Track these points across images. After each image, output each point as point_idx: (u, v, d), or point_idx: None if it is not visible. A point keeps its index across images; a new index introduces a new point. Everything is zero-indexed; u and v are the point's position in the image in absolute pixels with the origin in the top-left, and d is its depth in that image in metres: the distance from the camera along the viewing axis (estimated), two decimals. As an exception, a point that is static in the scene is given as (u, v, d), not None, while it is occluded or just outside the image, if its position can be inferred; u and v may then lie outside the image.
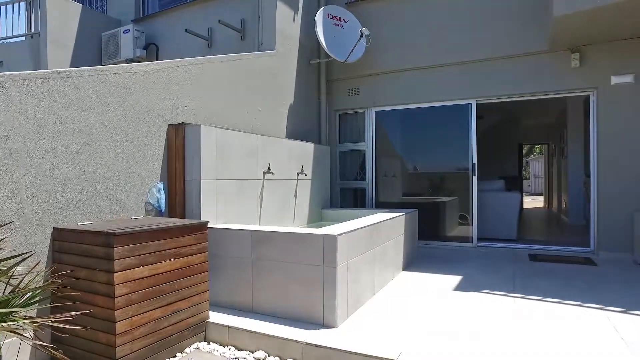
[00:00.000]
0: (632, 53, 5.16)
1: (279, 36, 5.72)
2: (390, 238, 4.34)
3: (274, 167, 4.87)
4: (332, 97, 6.91)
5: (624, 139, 5.23)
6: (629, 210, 5.20)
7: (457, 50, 6.02)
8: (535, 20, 5.50)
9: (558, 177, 11.68)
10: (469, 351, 2.59)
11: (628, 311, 3.30)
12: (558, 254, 5.62)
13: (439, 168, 6.56)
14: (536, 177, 25.85)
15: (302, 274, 3.15)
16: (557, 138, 11.67)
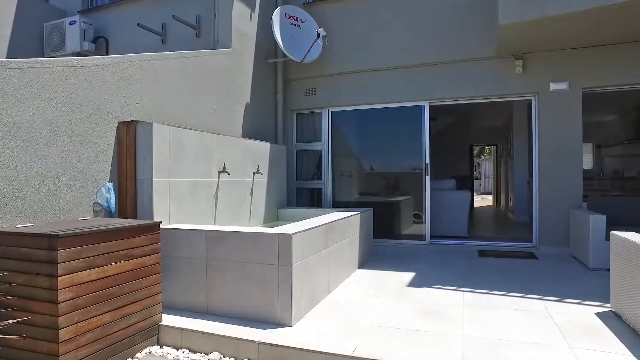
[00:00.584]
0: (567, 62, 5.53)
1: (236, 34, 5.65)
2: (346, 237, 4.41)
3: (230, 166, 4.81)
4: (289, 96, 6.92)
5: (561, 142, 5.60)
6: (565, 208, 5.57)
7: (411, 53, 6.21)
8: (484, 27, 5.77)
9: (505, 177, 12.31)
10: (423, 343, 2.69)
11: (562, 300, 3.55)
12: (504, 249, 5.93)
13: (395, 168, 6.73)
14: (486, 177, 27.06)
15: (257, 274, 3.14)
16: (504, 140, 12.28)
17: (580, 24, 4.68)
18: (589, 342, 2.69)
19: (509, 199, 11.48)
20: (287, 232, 3.05)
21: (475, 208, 13.57)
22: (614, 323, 3.00)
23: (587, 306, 3.40)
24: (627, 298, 2.93)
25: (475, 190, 19.18)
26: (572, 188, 5.58)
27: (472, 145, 14.27)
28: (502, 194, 13.27)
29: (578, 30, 4.88)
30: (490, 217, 11.44)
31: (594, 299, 3.56)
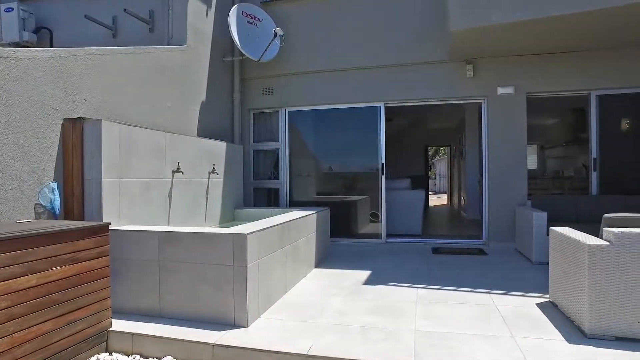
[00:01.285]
0: (513, 68, 5.85)
1: (191, 31, 5.53)
2: (302, 236, 4.42)
3: (184, 166, 4.69)
4: (246, 95, 6.85)
5: (508, 143, 5.90)
6: (512, 205, 5.88)
7: (367, 55, 6.32)
8: (438, 32, 5.96)
9: (458, 177, 12.80)
10: (377, 339, 2.75)
11: (507, 293, 3.75)
12: (457, 246, 6.16)
13: (352, 168, 6.83)
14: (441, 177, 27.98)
15: (212, 275, 3.09)
16: (457, 141, 12.76)
17: (522, 33, 4.96)
18: (529, 330, 2.86)
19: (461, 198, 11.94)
20: (242, 232, 3.02)
21: (430, 207, 14.00)
22: (552, 312, 3.20)
23: (529, 297, 3.61)
24: (562, 288, 3.13)
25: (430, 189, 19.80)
26: (518, 187, 5.89)
27: (427, 146, 14.72)
28: (456, 193, 13.79)
29: (521, 38, 5.16)
30: (444, 215, 11.85)
31: (535, 291, 3.78)
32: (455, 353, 2.53)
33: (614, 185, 5.80)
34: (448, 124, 12.52)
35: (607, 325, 2.67)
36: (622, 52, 5.55)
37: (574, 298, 2.90)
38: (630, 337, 2.65)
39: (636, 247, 2.63)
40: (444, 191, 24.40)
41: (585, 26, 4.79)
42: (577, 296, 2.85)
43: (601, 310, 2.68)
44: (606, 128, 5.86)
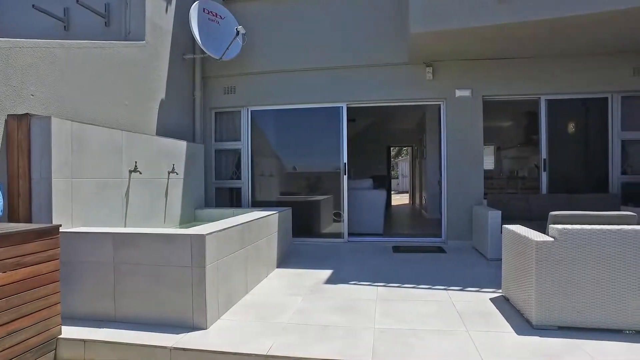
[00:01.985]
0: (470, 72, 6.06)
1: (150, 27, 5.37)
2: (263, 236, 4.40)
3: (143, 165, 4.56)
4: (208, 94, 6.73)
5: (466, 144, 6.11)
6: (470, 204, 6.09)
7: (330, 55, 6.36)
8: (399, 35, 6.09)
9: (420, 177, 13.11)
10: (336, 337, 2.77)
11: (464, 289, 3.89)
12: (417, 244, 6.31)
13: (315, 168, 6.86)
14: (404, 177, 28.56)
15: (170, 276, 3.01)
16: (418, 141, 13.07)
17: (478, 38, 5.16)
18: (483, 324, 2.98)
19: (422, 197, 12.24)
20: (201, 233, 2.97)
21: (392, 206, 14.26)
22: (504, 306, 3.35)
23: (484, 293, 3.75)
24: (513, 283, 3.28)
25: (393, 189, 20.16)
26: (474, 187, 6.11)
27: (390, 146, 14.99)
28: (417, 192, 14.12)
29: (477, 43, 5.37)
30: (405, 214, 12.11)
31: (489, 286, 3.94)
32: (412, 349, 2.60)
33: (561, 184, 6.13)
34: (410, 125, 12.81)
35: (552, 316, 2.83)
36: (567, 60, 5.88)
37: (523, 292, 3.05)
38: (571, 326, 2.82)
39: (577, 242, 2.79)
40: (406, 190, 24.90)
41: (530, 35, 5.05)
42: (526, 290, 2.99)
43: (546, 302, 2.83)
44: (554, 131, 6.18)
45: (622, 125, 5.96)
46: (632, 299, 2.74)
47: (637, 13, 4.40)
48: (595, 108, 6.08)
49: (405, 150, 28.29)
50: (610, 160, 6.01)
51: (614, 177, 6.00)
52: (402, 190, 26.96)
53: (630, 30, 4.94)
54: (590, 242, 2.78)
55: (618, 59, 5.79)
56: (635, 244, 2.73)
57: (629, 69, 5.80)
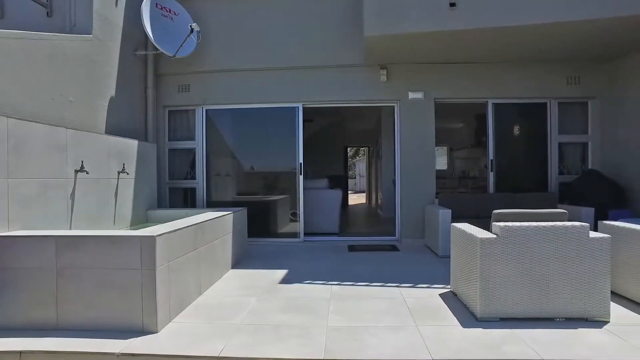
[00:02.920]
0: (423, 75, 6.28)
1: (98, 20, 5.14)
2: (218, 237, 4.34)
3: (90, 165, 4.37)
4: (161, 92, 6.54)
5: (418, 145, 6.32)
6: (422, 204, 6.30)
7: (287, 55, 6.36)
8: (355, 37, 6.15)
9: (376, 176, 13.38)
10: (290, 336, 2.79)
11: (415, 286, 4.03)
12: (372, 243, 6.45)
13: (272, 167, 6.84)
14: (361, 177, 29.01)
15: (118, 280, 2.91)
16: (375, 142, 13.34)
17: (429, 43, 5.35)
18: (432, 319, 3.10)
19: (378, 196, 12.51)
20: (151, 235, 2.89)
21: (349, 206, 14.46)
22: (452, 301, 3.50)
23: (434, 289, 3.90)
24: (460, 279, 3.44)
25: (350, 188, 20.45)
26: (427, 186, 6.33)
27: (347, 147, 15.19)
28: (373, 192, 14.40)
29: (428, 47, 5.56)
30: (361, 214, 12.32)
31: (439, 282, 4.10)
32: (363, 345, 2.67)
33: (507, 184, 6.48)
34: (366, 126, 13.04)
35: (494, 308, 3.00)
36: (512, 66, 6.23)
37: (469, 286, 3.21)
38: (511, 317, 3.00)
39: (517, 238, 2.97)
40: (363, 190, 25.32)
41: (478, 41, 5.31)
42: (472, 284, 3.15)
43: (490, 295, 3.00)
44: (501, 133, 6.53)
45: (558, 129, 6.40)
46: (561, 290, 2.96)
47: (568, 26, 4.78)
48: (536, 113, 6.48)
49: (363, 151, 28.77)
50: (549, 161, 6.42)
51: (552, 177, 6.42)
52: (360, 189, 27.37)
53: (563, 42, 5.33)
54: (527, 238, 2.97)
55: (555, 68, 6.21)
56: (566, 239, 2.95)
57: (564, 78, 6.23)
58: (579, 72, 6.22)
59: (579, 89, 6.26)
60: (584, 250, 2.96)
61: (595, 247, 2.97)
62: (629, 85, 5.74)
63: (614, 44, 5.38)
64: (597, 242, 2.97)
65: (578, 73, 6.23)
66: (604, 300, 2.97)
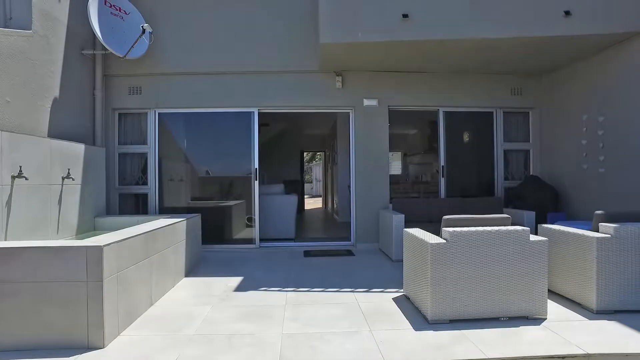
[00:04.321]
0: (377, 82, 6.44)
1: (38, 15, 4.84)
2: (170, 244, 4.22)
3: (30, 170, 4.11)
4: (111, 94, 6.26)
5: (373, 151, 6.46)
6: (376, 208, 6.44)
7: (242, 59, 6.30)
8: (311, 44, 6.23)
9: (332, 181, 13.51)
10: (244, 345, 2.76)
11: (369, 290, 4.11)
12: (327, 248, 6.50)
13: (227, 172, 6.74)
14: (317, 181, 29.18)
15: (61, 294, 2.75)
16: (331, 147, 13.47)
17: (383, 51, 5.50)
18: (385, 323, 3.17)
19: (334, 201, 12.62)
20: (97, 244, 2.76)
21: (305, 210, 14.50)
22: (405, 305, 3.60)
23: (387, 293, 4.00)
24: (413, 283, 3.55)
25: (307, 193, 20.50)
26: (381, 191, 6.48)
27: (303, 151, 15.24)
28: (330, 196, 14.52)
29: (382, 56, 5.71)
30: (318, 218, 12.39)
31: (392, 286, 4.20)
32: (317, 352, 2.69)
33: (457, 189, 6.77)
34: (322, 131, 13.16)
35: (444, 311, 3.12)
36: (461, 76, 6.53)
37: (421, 290, 3.32)
38: (460, 318, 3.14)
39: (465, 242, 3.12)
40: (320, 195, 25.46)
41: (429, 52, 5.52)
42: (423, 288, 3.26)
43: (440, 298, 3.12)
44: (451, 140, 6.81)
45: (504, 137, 6.77)
46: (505, 290, 3.13)
47: (506, 42, 5.13)
48: (484, 121, 6.82)
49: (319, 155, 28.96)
50: (496, 167, 6.78)
51: (498, 182, 6.78)
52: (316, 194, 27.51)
53: (505, 55, 5.68)
54: (475, 242, 3.12)
55: (501, 80, 6.59)
56: (509, 242, 3.14)
57: (508, 89, 6.62)
58: (521, 83, 6.63)
59: (521, 99, 6.66)
60: (524, 252, 3.15)
61: (534, 249, 3.17)
62: (562, 97, 6.19)
63: (548, 58, 5.79)
64: (536, 244, 3.18)
65: (520, 85, 6.63)
66: (542, 299, 3.18)
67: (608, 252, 3.28)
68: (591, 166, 5.65)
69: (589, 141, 5.68)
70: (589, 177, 5.69)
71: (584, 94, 5.77)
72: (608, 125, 5.34)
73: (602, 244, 3.28)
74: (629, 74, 5.01)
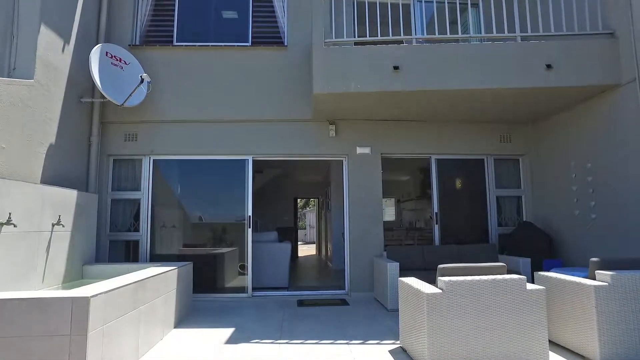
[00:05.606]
0: (370, 131, 6.58)
1: (41, 64, 4.98)
2: (160, 294, 4.10)
3: (19, 217, 4.05)
4: (107, 140, 6.32)
5: (366, 198, 6.48)
6: (371, 256, 6.37)
7: (237, 108, 6.45)
8: (305, 93, 6.43)
9: (326, 228, 13.43)
10: (231, 405, 2.61)
11: (364, 342, 3.97)
12: (321, 297, 6.34)
13: (220, 219, 6.67)
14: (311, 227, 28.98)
15: (41, 350, 2.62)
16: (324, 193, 13.52)
17: (375, 102, 5.68)
18: (382, 378, 3.04)
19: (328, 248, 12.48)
20: (84, 295, 2.67)
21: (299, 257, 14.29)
22: (401, 357, 3.47)
23: (383, 345, 3.86)
24: (409, 334, 3.44)
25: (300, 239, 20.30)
26: (375, 239, 6.43)
27: (297, 198, 15.25)
28: (323, 243, 14.37)
29: (375, 106, 5.89)
30: (311, 266, 12.17)
31: (389, 338, 4.07)
32: (312, 409, 2.55)
33: (451, 236, 6.75)
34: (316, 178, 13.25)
35: (443, 365, 3.01)
36: (452, 125, 6.71)
37: (418, 340, 3.21)
38: (460, 374, 3.02)
39: (461, 292, 3.06)
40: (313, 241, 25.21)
41: (420, 102, 5.71)
42: (420, 339, 3.16)
43: (437, 350, 3.01)
44: (444, 187, 6.87)
45: (495, 183, 6.86)
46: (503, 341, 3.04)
47: (491, 92, 5.35)
48: (476, 168, 6.93)
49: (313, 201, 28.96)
50: (489, 213, 6.81)
51: (492, 229, 6.78)
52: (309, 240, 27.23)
53: (493, 105, 5.88)
54: (471, 292, 3.07)
55: (490, 127, 6.77)
56: (505, 291, 3.09)
57: (497, 136, 6.79)
58: (510, 131, 6.82)
59: (510, 146, 6.82)
60: (522, 302, 3.10)
61: (532, 299, 3.12)
62: (550, 144, 6.35)
63: (533, 108, 6.01)
64: (534, 293, 3.13)
65: (509, 132, 6.81)
66: (543, 350, 3.09)
67: (608, 301, 3.23)
68: (583, 212, 5.69)
69: (579, 187, 5.76)
70: (581, 222, 5.73)
71: (570, 141, 5.92)
72: (596, 171, 5.44)
73: (601, 292, 3.24)
74: (612, 122, 5.18)
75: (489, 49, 5.29)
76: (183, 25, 6.74)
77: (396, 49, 5.31)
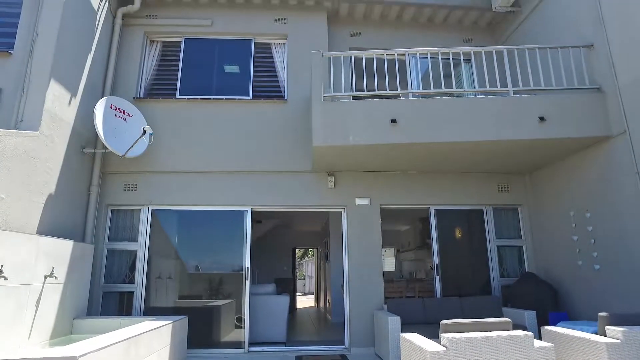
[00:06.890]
0: (368, 182, 6.63)
1: (47, 117, 5.09)
2: (153, 351, 3.93)
3: (11, 269, 3.97)
4: (106, 190, 6.33)
5: (365, 249, 6.40)
6: (371, 309, 6.18)
7: (236, 160, 6.53)
8: (304, 146, 6.55)
9: (325, 279, 13.14)
10: None
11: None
12: (320, 353, 6.08)
13: (218, 270, 6.54)
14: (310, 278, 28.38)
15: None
16: (323, 244, 13.36)
17: (373, 154, 5.78)
18: None
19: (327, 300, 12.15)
20: (72, 355, 2.56)
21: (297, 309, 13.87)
22: (406, 421, 3.28)
23: (386, 406, 3.65)
24: (414, 395, 3.27)
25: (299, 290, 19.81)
26: (375, 291, 6.28)
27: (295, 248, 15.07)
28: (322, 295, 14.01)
29: (373, 158, 5.98)
30: (310, 319, 11.78)
31: (391, 399, 3.86)
32: None
33: (453, 288, 6.59)
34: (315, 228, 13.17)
35: None
36: (450, 176, 6.78)
37: (422, 404, 3.04)
38: None
39: (466, 349, 2.94)
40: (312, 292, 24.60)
41: (417, 154, 5.81)
42: (425, 402, 2.99)
43: (444, 415, 2.84)
44: (444, 238, 6.81)
45: (495, 233, 6.81)
46: (517, 406, 2.88)
47: (488, 145, 5.47)
48: (475, 218, 6.91)
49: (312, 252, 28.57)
50: (490, 264, 6.70)
51: (494, 280, 6.64)
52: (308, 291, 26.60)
53: (488, 157, 5.98)
54: (476, 349, 2.95)
55: (488, 177, 6.83)
56: (512, 348, 2.96)
57: (495, 186, 6.83)
58: (508, 181, 6.87)
59: (509, 196, 6.84)
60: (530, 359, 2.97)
61: (540, 357, 2.99)
62: (548, 193, 6.38)
63: (529, 158, 6.10)
64: (542, 351, 3.01)
65: (507, 182, 6.86)
66: (556, 414, 2.92)
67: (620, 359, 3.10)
68: (585, 263, 5.61)
69: (580, 237, 5.71)
70: (585, 274, 5.62)
71: (568, 190, 5.95)
72: (596, 221, 5.42)
73: (613, 350, 3.12)
74: (609, 173, 5.23)
75: (483, 103, 5.46)
76: (186, 78, 6.98)
77: (393, 103, 5.47)
